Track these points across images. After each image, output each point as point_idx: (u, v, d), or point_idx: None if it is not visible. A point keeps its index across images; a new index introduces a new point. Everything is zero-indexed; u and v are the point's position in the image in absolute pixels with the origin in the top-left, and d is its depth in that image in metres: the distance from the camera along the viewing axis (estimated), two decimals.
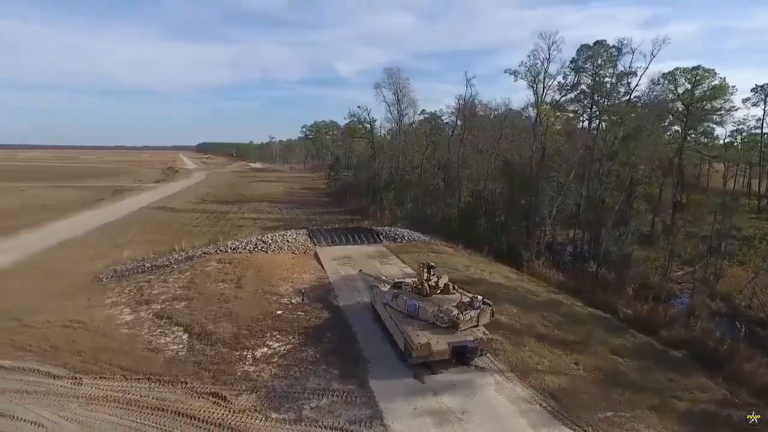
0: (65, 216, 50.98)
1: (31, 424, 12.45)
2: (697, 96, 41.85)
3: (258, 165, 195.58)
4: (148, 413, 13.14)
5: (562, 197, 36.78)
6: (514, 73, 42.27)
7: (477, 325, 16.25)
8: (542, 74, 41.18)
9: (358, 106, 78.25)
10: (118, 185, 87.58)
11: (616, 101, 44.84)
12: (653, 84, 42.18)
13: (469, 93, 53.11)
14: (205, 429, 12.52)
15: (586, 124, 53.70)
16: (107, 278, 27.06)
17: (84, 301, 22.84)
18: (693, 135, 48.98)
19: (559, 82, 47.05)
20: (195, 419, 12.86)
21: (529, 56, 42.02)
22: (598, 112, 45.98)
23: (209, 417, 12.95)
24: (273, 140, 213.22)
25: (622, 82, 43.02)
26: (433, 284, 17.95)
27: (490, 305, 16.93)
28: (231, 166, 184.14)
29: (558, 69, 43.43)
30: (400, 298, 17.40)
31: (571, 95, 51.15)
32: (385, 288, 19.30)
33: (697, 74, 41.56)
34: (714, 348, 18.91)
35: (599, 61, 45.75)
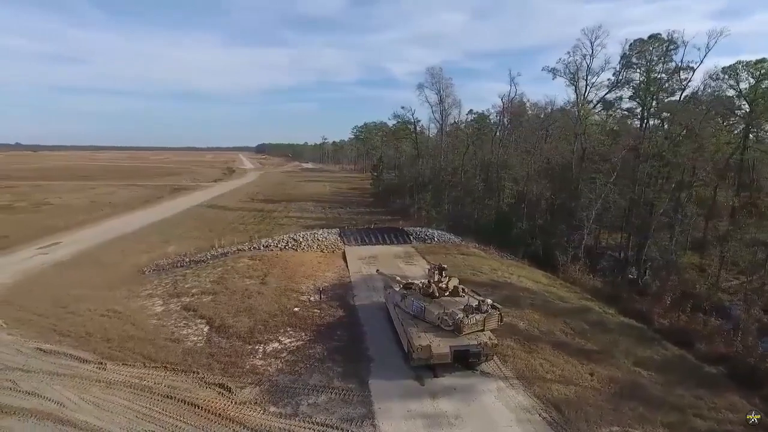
0: (125, 212, 55.07)
1: (55, 403, 13.62)
2: (762, 91, 38.13)
3: (309, 165, 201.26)
4: (158, 400, 13.97)
5: (603, 199, 34.90)
6: (552, 70, 40.47)
7: (483, 330, 15.84)
8: (585, 71, 39.17)
9: (402, 107, 77.95)
10: (178, 184, 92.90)
11: (669, 98, 41.79)
12: (711, 79, 38.90)
13: (514, 92, 51.54)
14: (205, 418, 13.11)
15: (639, 123, 50.63)
16: (149, 271, 28.89)
17: (125, 292, 24.56)
18: (761, 133, 44.64)
19: (608, 79, 44.66)
20: (198, 408, 13.51)
21: (568, 53, 40.12)
22: (647, 111, 43.06)
23: (211, 407, 13.56)
24: (326, 141, 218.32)
25: (676, 77, 39.99)
26: (443, 286, 17.73)
27: (498, 309, 16.44)
28: (285, 167, 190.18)
29: (602, 65, 41.19)
30: (407, 299, 17.33)
31: (622, 93, 48.36)
32: (398, 288, 19.27)
33: (761, 67, 37.88)
34: (754, 365, 17.41)
35: (652, 56, 42.86)
